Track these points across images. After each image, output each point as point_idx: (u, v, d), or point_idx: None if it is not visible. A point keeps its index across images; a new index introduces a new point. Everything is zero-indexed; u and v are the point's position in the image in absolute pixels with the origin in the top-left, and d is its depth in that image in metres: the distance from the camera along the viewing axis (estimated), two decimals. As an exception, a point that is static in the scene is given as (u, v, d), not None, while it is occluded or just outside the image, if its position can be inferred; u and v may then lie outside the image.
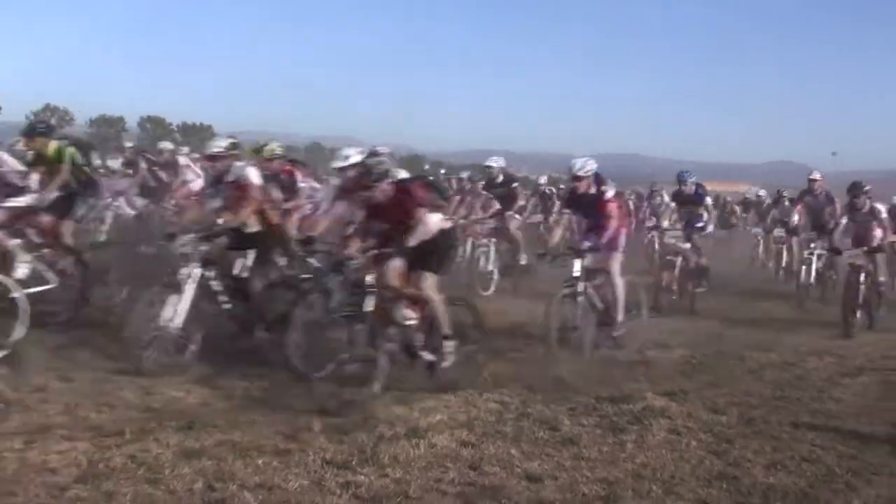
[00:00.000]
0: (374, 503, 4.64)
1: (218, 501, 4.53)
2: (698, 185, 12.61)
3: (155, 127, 74.68)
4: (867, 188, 12.00)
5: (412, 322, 7.08)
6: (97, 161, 11.66)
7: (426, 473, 5.09)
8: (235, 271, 7.81)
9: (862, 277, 10.95)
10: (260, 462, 5.08)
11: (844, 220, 12.16)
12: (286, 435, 5.60)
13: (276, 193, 9.98)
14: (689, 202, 12.56)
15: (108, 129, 69.26)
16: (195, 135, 71.55)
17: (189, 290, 7.32)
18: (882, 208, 12.22)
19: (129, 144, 17.75)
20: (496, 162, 13.56)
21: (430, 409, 6.44)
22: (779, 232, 15.87)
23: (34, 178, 8.99)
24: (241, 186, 7.90)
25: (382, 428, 5.88)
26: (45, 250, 8.71)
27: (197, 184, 12.44)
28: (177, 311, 7.24)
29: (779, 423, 6.50)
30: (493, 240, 12.94)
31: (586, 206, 9.06)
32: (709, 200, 12.87)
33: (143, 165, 14.76)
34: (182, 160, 14.73)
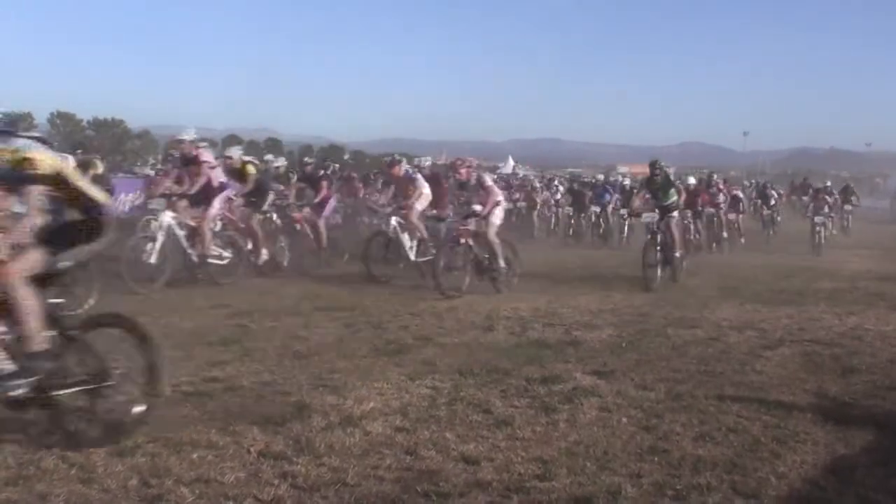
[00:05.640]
0: (312, 492, 4.60)
1: (154, 497, 4.45)
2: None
3: (65, 123, 71.95)
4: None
5: None
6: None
7: (363, 460, 5.08)
8: None
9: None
10: (195, 456, 5.02)
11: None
12: (219, 429, 5.53)
13: None
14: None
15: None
16: (108, 130, 69.59)
17: None
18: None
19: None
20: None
21: (362, 397, 6.42)
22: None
23: None
24: None
25: (316, 418, 5.85)
26: None
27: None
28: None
29: (705, 396, 6.64)
30: None
31: None
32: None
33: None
34: None
